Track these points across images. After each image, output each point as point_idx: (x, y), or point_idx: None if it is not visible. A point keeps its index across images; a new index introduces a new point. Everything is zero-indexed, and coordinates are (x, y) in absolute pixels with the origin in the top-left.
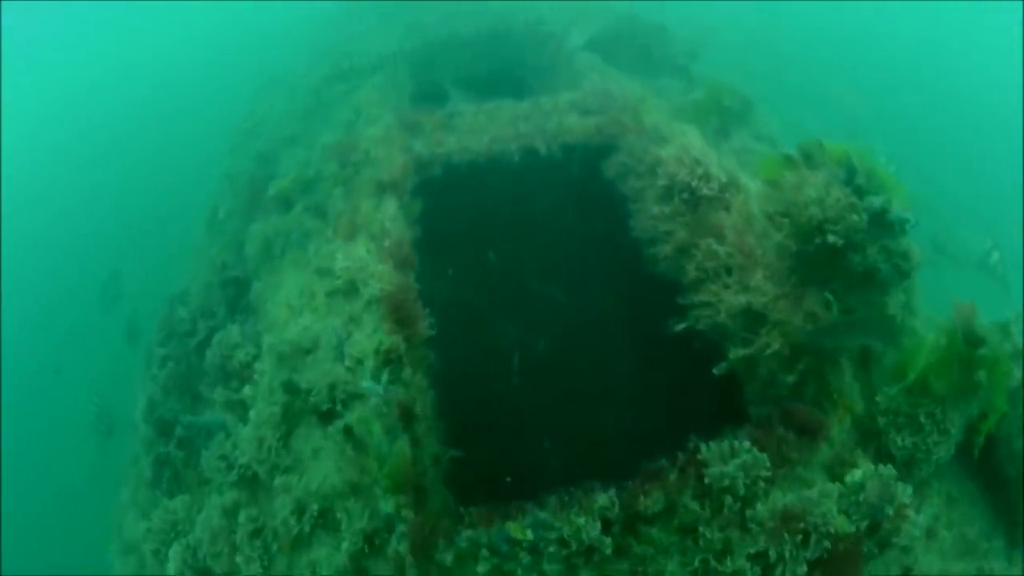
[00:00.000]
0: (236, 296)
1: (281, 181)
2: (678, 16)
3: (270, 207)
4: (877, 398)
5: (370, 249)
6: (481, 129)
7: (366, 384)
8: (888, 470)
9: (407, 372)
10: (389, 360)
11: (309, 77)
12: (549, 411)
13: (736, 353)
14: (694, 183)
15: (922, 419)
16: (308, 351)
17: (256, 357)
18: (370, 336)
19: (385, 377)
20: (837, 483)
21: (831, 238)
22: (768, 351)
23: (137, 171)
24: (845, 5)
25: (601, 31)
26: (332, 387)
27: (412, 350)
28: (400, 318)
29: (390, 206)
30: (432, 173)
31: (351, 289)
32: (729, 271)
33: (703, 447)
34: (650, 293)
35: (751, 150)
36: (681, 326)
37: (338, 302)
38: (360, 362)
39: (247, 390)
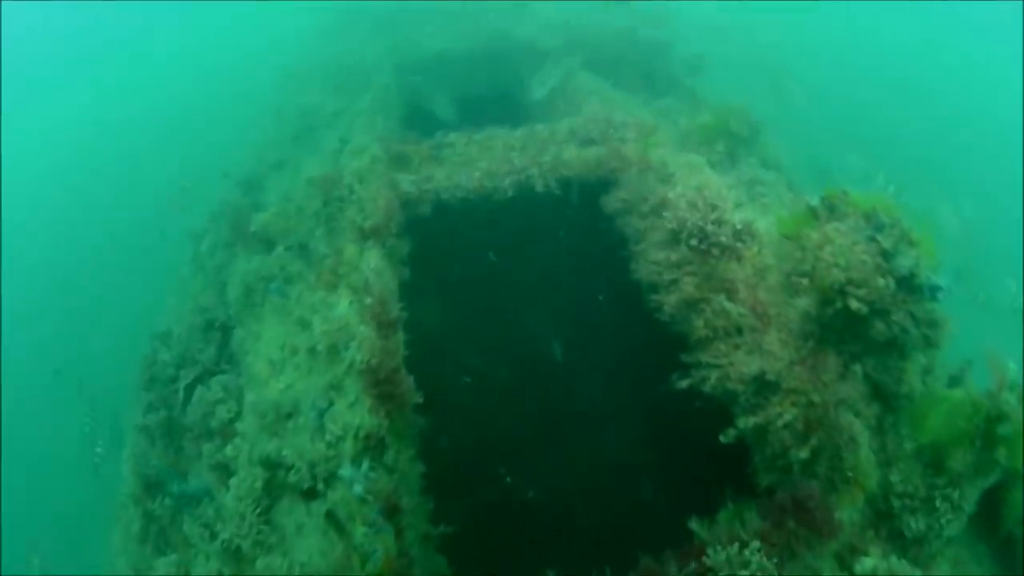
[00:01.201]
0: (219, 342)
1: (263, 216)
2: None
3: (253, 242)
4: (892, 477)
5: (353, 302)
6: (472, 161)
7: (346, 473)
8: (901, 565)
9: (390, 455)
10: (369, 446)
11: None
12: (542, 468)
13: (746, 422)
14: (707, 227)
15: (937, 503)
16: (289, 415)
17: (238, 414)
18: (352, 407)
19: (365, 465)
20: (846, 573)
21: (854, 304)
22: (780, 422)
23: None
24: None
25: (599, 50)
26: (312, 466)
27: (397, 423)
28: (383, 393)
29: (373, 255)
30: (420, 211)
31: (333, 352)
32: (740, 330)
33: (710, 552)
34: (650, 342)
35: (762, 181)
36: (685, 383)
37: (320, 361)
38: (341, 439)
39: (229, 450)
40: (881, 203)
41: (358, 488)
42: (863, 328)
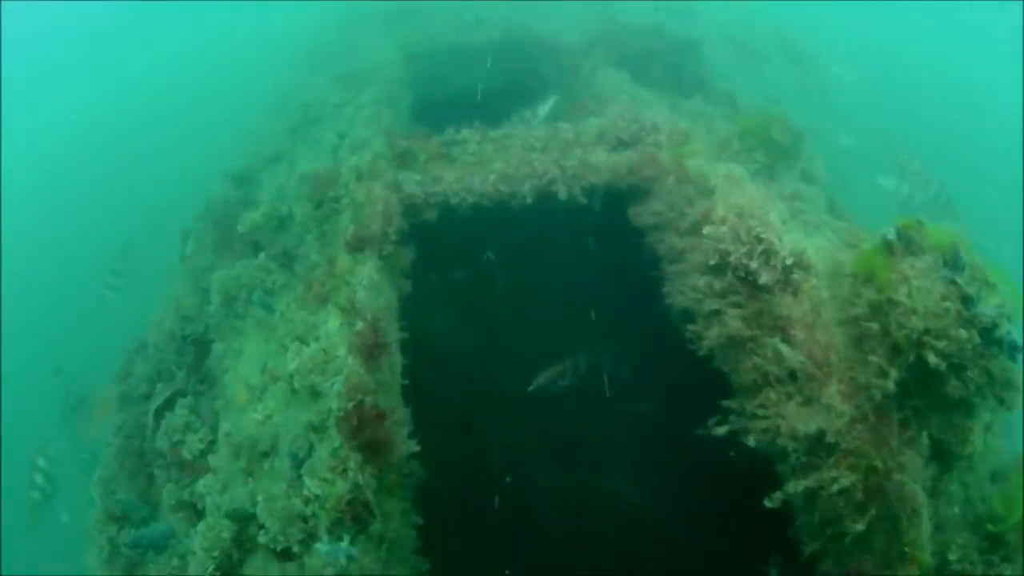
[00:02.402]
0: (196, 358)
1: (252, 216)
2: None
3: (239, 244)
4: (950, 556)
5: (343, 324)
6: (487, 162)
7: (323, 548)
8: None
9: (377, 522)
10: (347, 518)
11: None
12: (555, 523)
13: (796, 486)
14: (753, 264)
15: None
16: (265, 454)
17: (212, 443)
18: (335, 454)
19: (346, 542)
20: None
21: (932, 358)
22: (835, 487)
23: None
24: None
25: (627, 47)
26: (286, 525)
27: (386, 478)
28: (366, 443)
29: (368, 267)
30: (425, 218)
31: (312, 389)
32: (795, 378)
33: None
34: (683, 378)
35: (802, 197)
36: (723, 430)
37: (301, 395)
38: (319, 498)
39: (200, 486)
40: (960, 240)
41: (334, 569)
42: (935, 384)
